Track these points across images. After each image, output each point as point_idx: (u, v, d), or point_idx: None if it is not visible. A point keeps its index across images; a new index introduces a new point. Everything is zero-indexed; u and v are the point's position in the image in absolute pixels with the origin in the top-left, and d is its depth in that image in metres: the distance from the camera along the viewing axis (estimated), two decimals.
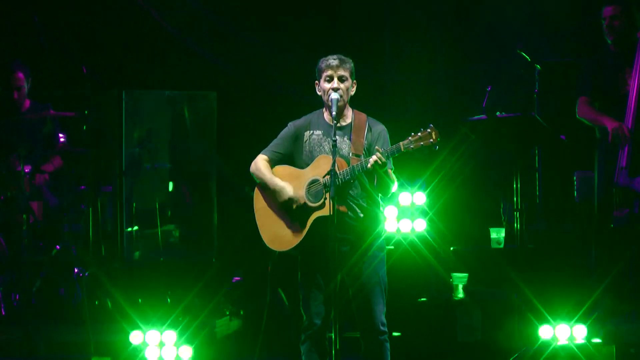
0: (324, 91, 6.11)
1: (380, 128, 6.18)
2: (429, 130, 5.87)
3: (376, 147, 5.93)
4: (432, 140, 5.87)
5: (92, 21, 9.95)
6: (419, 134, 5.88)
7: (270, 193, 6.18)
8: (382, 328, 6.11)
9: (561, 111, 9.02)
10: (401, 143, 5.90)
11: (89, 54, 9.40)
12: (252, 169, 6.24)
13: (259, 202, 6.23)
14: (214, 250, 8.94)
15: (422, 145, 5.86)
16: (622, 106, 7.38)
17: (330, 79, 6.09)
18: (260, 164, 6.21)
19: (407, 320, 8.16)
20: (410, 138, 5.88)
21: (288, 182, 6.12)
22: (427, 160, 8.72)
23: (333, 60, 6.11)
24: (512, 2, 9.77)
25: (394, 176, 6.08)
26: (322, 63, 6.14)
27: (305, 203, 6.06)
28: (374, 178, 6.01)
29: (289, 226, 6.09)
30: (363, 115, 6.19)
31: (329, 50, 6.26)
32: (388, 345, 6.14)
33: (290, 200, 6.09)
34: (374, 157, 5.86)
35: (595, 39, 7.64)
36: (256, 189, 6.25)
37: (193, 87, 9.53)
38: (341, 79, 6.09)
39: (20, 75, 8.50)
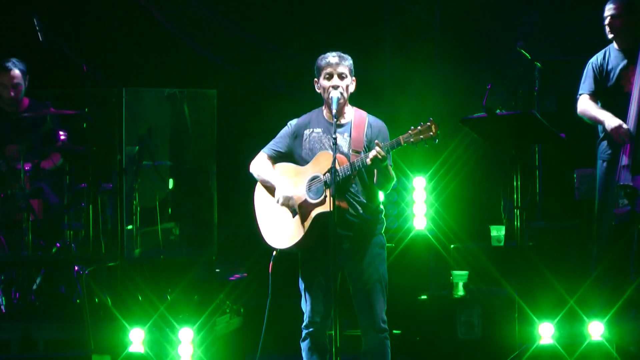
0: (323, 89, 6.10)
1: (380, 125, 6.17)
2: (428, 123, 5.86)
3: (376, 141, 5.92)
4: (432, 133, 5.86)
5: (93, 19, 9.95)
6: (419, 127, 5.87)
7: (270, 190, 6.18)
8: (382, 325, 6.11)
9: (561, 109, 9.03)
10: (401, 137, 5.89)
11: (89, 52, 9.40)
12: (251, 167, 6.24)
13: (260, 199, 6.22)
14: (214, 247, 8.93)
15: (422, 138, 5.85)
16: (625, 104, 7.38)
17: (330, 77, 6.08)
18: (260, 161, 6.22)
19: (408, 317, 8.16)
20: (410, 131, 5.87)
21: (287, 180, 6.12)
22: (428, 157, 8.73)
23: (332, 58, 6.10)
24: (513, 0, 9.78)
25: (393, 172, 6.08)
26: (322, 60, 6.12)
27: (305, 200, 6.05)
28: (374, 174, 6.01)
29: (290, 223, 6.09)
30: (363, 113, 6.19)
31: (328, 47, 6.25)
32: (388, 342, 6.13)
33: (286, 198, 6.07)
34: (374, 151, 5.85)
35: (597, 36, 7.63)
36: (256, 186, 6.25)
37: (193, 84, 9.52)
38: (341, 77, 6.08)
39: (17, 72, 8.48)
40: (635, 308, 7.51)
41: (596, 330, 7.14)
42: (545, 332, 7.17)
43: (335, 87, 6.05)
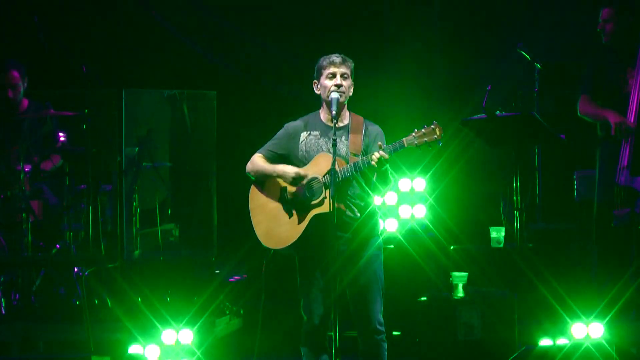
0: (325, 88, 6.09)
1: (377, 130, 6.17)
2: (432, 126, 5.86)
3: (379, 143, 5.91)
4: (436, 136, 5.85)
5: (92, 20, 9.95)
6: (423, 130, 5.86)
7: (269, 186, 6.15)
8: (379, 327, 6.10)
9: (561, 110, 9.02)
10: (404, 139, 5.88)
11: (89, 53, 9.40)
12: (248, 167, 6.22)
13: (255, 199, 6.20)
14: (214, 249, 8.93)
15: (425, 141, 5.84)
16: (624, 106, 7.38)
17: (332, 76, 6.07)
18: (257, 161, 6.19)
19: (407, 319, 8.16)
20: (414, 134, 5.87)
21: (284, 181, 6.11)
22: (428, 158, 8.73)
23: (336, 58, 6.11)
24: (513, 1, 9.78)
25: (391, 175, 6.07)
26: (324, 61, 6.12)
27: (303, 201, 6.04)
28: (372, 177, 6.00)
29: (286, 223, 6.07)
30: (360, 117, 6.19)
31: (328, 50, 6.25)
32: (385, 345, 6.13)
33: (298, 176, 6.04)
34: (377, 154, 5.84)
35: (597, 38, 7.64)
36: (252, 187, 6.23)
37: (193, 86, 9.53)
38: (343, 76, 6.08)
39: (15, 73, 8.48)
40: (636, 309, 7.51)
41: (596, 331, 7.13)
42: (545, 334, 7.16)
43: (339, 86, 6.05)
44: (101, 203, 8.54)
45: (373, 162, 5.85)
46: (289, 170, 6.09)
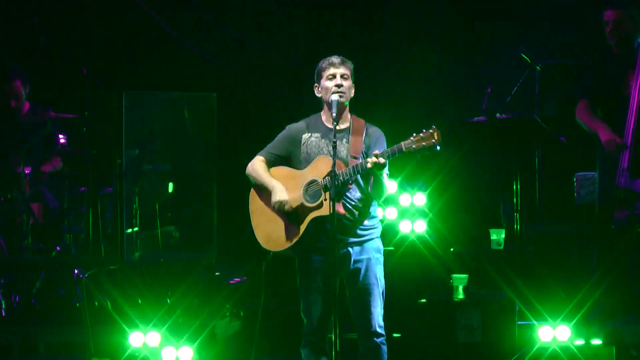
0: (325, 90, 6.09)
1: (378, 133, 6.17)
2: (431, 130, 5.85)
3: (374, 152, 5.90)
4: (434, 140, 5.84)
5: (93, 22, 9.96)
6: (421, 134, 5.85)
7: (266, 193, 6.17)
8: (379, 330, 6.10)
9: (561, 112, 9.03)
10: (403, 143, 5.88)
11: (89, 56, 9.41)
12: (248, 170, 6.23)
13: (255, 202, 6.21)
14: (214, 251, 8.94)
15: (424, 145, 5.83)
16: (625, 108, 7.38)
17: (333, 77, 6.07)
18: (257, 164, 6.20)
19: (407, 321, 8.16)
20: (412, 138, 5.86)
21: (283, 183, 6.10)
22: (427, 161, 8.73)
23: (335, 59, 6.11)
24: (513, 3, 9.78)
25: (389, 180, 6.07)
26: (324, 62, 6.12)
27: (302, 203, 6.04)
28: (371, 180, 6.00)
29: (285, 226, 6.08)
30: (361, 120, 6.19)
31: (329, 52, 6.26)
32: (385, 347, 6.12)
33: (282, 203, 6.06)
34: (374, 158, 5.84)
35: (596, 41, 7.64)
36: (252, 189, 6.24)
37: (193, 88, 9.53)
38: (343, 77, 6.08)
39: (18, 83, 8.50)
40: (635, 311, 7.51)
41: (595, 332, 7.14)
42: (545, 336, 7.17)
43: (339, 86, 6.05)
44: (101, 205, 8.55)
45: (369, 165, 5.84)
46: (277, 196, 6.07)
